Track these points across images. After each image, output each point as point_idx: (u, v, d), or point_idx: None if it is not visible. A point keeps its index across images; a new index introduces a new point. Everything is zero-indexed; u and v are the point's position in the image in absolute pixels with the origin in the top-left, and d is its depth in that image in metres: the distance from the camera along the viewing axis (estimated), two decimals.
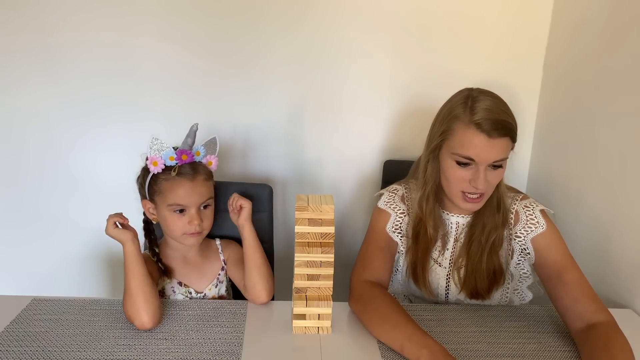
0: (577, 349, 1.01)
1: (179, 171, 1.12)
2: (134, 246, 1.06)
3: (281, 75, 1.61)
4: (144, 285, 1.03)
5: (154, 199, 1.16)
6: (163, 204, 1.14)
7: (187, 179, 1.13)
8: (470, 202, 1.08)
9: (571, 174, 1.50)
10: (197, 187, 1.14)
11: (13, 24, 1.51)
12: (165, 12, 1.53)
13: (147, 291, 1.03)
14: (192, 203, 1.14)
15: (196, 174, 1.14)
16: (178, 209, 1.14)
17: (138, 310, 1.02)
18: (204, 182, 1.16)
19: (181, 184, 1.12)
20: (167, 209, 1.14)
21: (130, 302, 1.02)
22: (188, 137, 1.15)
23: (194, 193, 1.14)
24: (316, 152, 1.70)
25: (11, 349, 0.96)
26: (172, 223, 1.14)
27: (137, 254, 1.05)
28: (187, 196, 1.13)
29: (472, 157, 1.03)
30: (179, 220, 1.14)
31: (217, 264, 1.25)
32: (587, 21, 1.44)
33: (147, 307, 1.02)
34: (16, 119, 1.61)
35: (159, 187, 1.14)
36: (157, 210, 1.17)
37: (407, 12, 1.57)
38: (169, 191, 1.13)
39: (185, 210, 1.14)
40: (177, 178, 1.12)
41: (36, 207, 1.70)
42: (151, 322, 1.02)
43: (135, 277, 1.04)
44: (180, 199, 1.13)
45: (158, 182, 1.14)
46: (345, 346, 1.02)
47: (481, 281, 1.15)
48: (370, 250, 1.17)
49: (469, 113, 1.03)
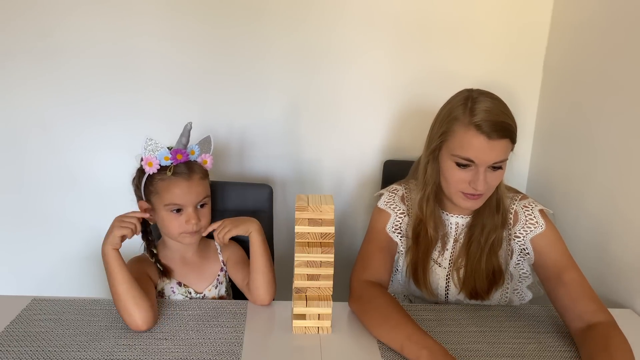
0: (577, 349, 1.01)
1: (174, 171, 1.12)
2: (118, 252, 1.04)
3: (281, 75, 1.61)
4: (132, 290, 1.02)
5: (150, 199, 1.15)
6: (160, 204, 1.14)
7: (183, 178, 1.13)
8: (470, 199, 1.08)
9: (571, 174, 1.50)
10: (194, 186, 1.14)
11: (12, 24, 1.51)
12: (164, 11, 1.53)
13: (136, 295, 1.02)
14: (189, 202, 1.13)
15: (192, 173, 1.14)
16: (175, 209, 1.13)
17: (130, 314, 1.01)
18: (200, 181, 1.16)
19: (177, 184, 1.12)
20: (164, 209, 1.13)
21: (121, 307, 1.02)
22: (182, 136, 1.15)
23: (190, 192, 1.13)
24: (316, 152, 1.70)
25: (11, 349, 0.96)
26: (169, 223, 1.14)
27: (122, 259, 1.04)
28: (184, 195, 1.13)
29: (471, 158, 1.03)
30: (176, 219, 1.14)
31: (217, 264, 1.25)
32: (587, 22, 1.44)
33: (138, 310, 1.01)
34: (15, 119, 1.61)
35: (155, 187, 1.13)
36: (154, 211, 1.16)
37: (407, 12, 1.57)
38: (166, 191, 1.12)
39: (182, 209, 1.14)
40: (173, 178, 1.12)
41: (36, 207, 1.70)
42: (145, 324, 1.02)
43: (122, 283, 1.02)
44: (177, 199, 1.12)
45: (154, 182, 1.13)
46: (345, 346, 1.02)
47: (480, 282, 1.15)
48: (370, 250, 1.17)
49: (468, 114, 1.02)
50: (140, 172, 1.16)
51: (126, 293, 1.02)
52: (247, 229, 1.15)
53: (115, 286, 1.03)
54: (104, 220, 1.76)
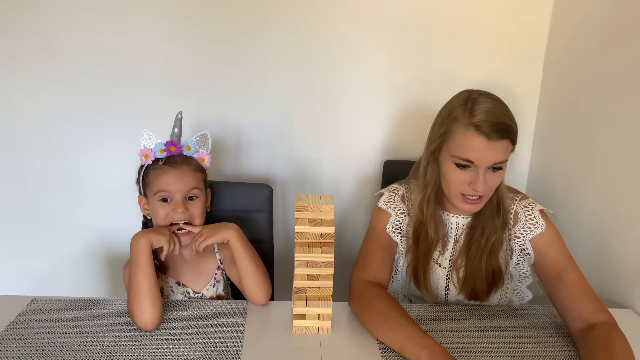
0: (577, 349, 1.01)
1: (166, 161, 1.14)
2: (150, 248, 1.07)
3: (282, 75, 1.61)
4: (154, 287, 1.04)
5: (145, 192, 1.17)
6: (151, 194, 1.15)
7: (172, 167, 1.14)
8: (469, 203, 1.08)
9: (571, 174, 1.50)
10: (183, 174, 1.14)
11: (15, 26, 1.52)
12: (166, 13, 1.53)
13: (155, 293, 1.04)
14: (177, 190, 1.13)
15: (183, 164, 1.16)
16: (162, 197, 1.13)
17: (144, 311, 1.02)
18: (192, 172, 1.16)
19: (166, 172, 1.14)
20: (154, 198, 1.14)
21: (137, 302, 1.02)
22: (174, 127, 1.17)
23: (178, 180, 1.13)
24: (316, 152, 1.70)
25: (11, 349, 0.96)
26: (157, 212, 1.14)
27: (151, 255, 1.07)
28: (171, 183, 1.13)
29: (471, 159, 1.03)
30: (164, 208, 1.13)
31: (213, 263, 1.25)
32: (587, 21, 1.44)
33: (153, 308, 1.02)
34: (18, 120, 1.61)
35: (148, 178, 1.15)
36: (148, 204, 1.17)
37: (407, 12, 1.57)
38: (155, 180, 1.14)
39: (171, 199, 1.14)
40: (163, 167, 1.14)
41: (37, 207, 1.70)
42: (153, 324, 1.03)
43: (147, 277, 1.04)
44: (164, 185, 1.13)
45: (148, 174, 1.16)
46: (345, 346, 1.02)
47: (480, 283, 1.15)
48: (371, 250, 1.17)
49: (468, 115, 1.02)
50: (141, 167, 1.19)
51: (148, 288, 1.03)
52: (224, 236, 1.13)
53: (140, 278, 1.03)
54: (104, 220, 1.76)
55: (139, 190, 1.21)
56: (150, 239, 1.07)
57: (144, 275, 1.04)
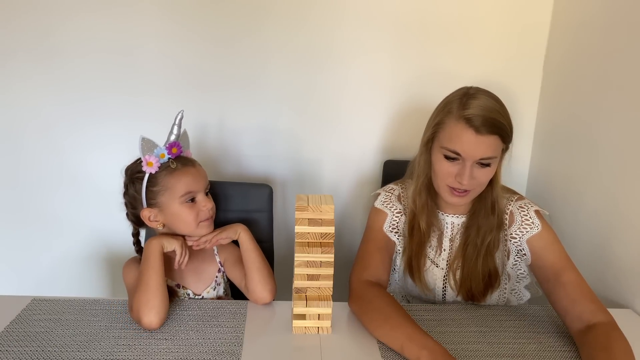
0: (577, 349, 1.01)
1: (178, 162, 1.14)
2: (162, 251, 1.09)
3: (281, 74, 1.61)
4: (163, 287, 1.05)
5: (156, 201, 1.12)
6: (172, 199, 1.12)
7: (189, 166, 1.15)
8: (455, 196, 1.08)
9: (571, 175, 1.50)
10: (200, 171, 1.17)
11: (14, 23, 1.52)
12: (165, 12, 1.53)
13: (164, 293, 1.05)
14: (201, 187, 1.15)
15: (193, 162, 1.17)
16: (190, 198, 1.13)
17: (151, 309, 1.02)
18: (200, 167, 1.18)
19: (187, 172, 1.13)
20: (179, 201, 1.12)
21: (146, 299, 1.02)
22: (175, 126, 1.15)
23: (200, 178, 1.16)
24: (316, 152, 1.70)
25: (11, 349, 0.96)
26: (186, 215, 1.13)
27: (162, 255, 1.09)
28: (196, 182, 1.14)
29: (458, 151, 1.03)
30: (192, 209, 1.14)
31: (214, 265, 1.24)
32: (587, 22, 1.44)
33: (160, 307, 1.03)
34: (16, 118, 1.61)
35: (163, 185, 1.11)
36: (162, 213, 1.13)
37: (407, 12, 1.57)
38: (177, 182, 1.11)
39: (195, 198, 1.15)
40: (181, 168, 1.13)
41: (36, 207, 1.70)
42: (157, 324, 1.03)
43: (158, 273, 1.05)
44: (191, 186, 1.13)
45: (159, 181, 1.11)
46: (345, 346, 1.02)
47: (476, 284, 1.15)
48: (369, 250, 1.17)
49: (461, 108, 1.03)
50: (133, 181, 1.14)
51: (158, 286, 1.04)
52: (236, 230, 1.18)
53: (152, 276, 1.05)
54: (104, 220, 1.76)
55: (135, 206, 1.15)
56: (161, 241, 1.10)
57: (155, 272, 1.05)
